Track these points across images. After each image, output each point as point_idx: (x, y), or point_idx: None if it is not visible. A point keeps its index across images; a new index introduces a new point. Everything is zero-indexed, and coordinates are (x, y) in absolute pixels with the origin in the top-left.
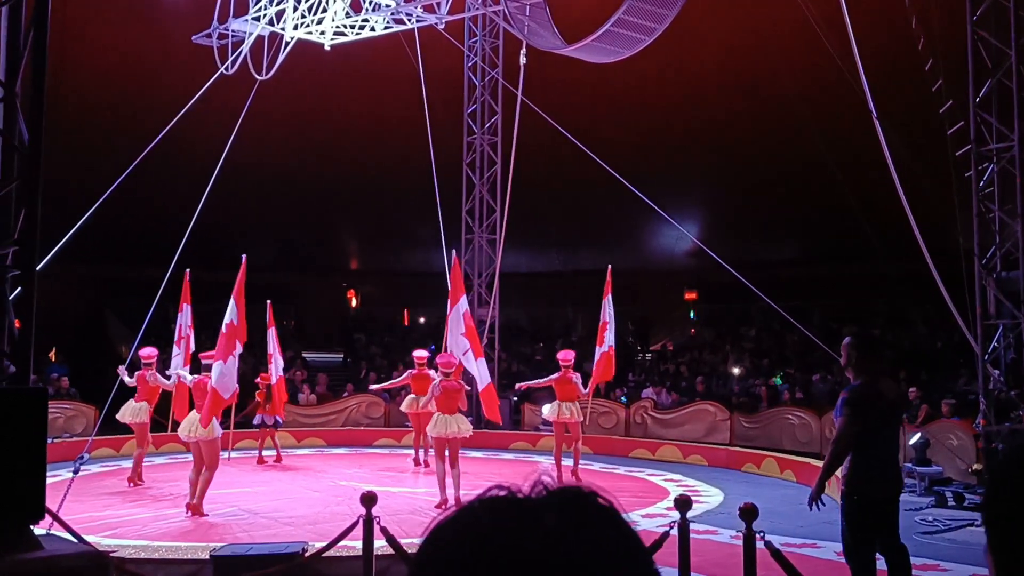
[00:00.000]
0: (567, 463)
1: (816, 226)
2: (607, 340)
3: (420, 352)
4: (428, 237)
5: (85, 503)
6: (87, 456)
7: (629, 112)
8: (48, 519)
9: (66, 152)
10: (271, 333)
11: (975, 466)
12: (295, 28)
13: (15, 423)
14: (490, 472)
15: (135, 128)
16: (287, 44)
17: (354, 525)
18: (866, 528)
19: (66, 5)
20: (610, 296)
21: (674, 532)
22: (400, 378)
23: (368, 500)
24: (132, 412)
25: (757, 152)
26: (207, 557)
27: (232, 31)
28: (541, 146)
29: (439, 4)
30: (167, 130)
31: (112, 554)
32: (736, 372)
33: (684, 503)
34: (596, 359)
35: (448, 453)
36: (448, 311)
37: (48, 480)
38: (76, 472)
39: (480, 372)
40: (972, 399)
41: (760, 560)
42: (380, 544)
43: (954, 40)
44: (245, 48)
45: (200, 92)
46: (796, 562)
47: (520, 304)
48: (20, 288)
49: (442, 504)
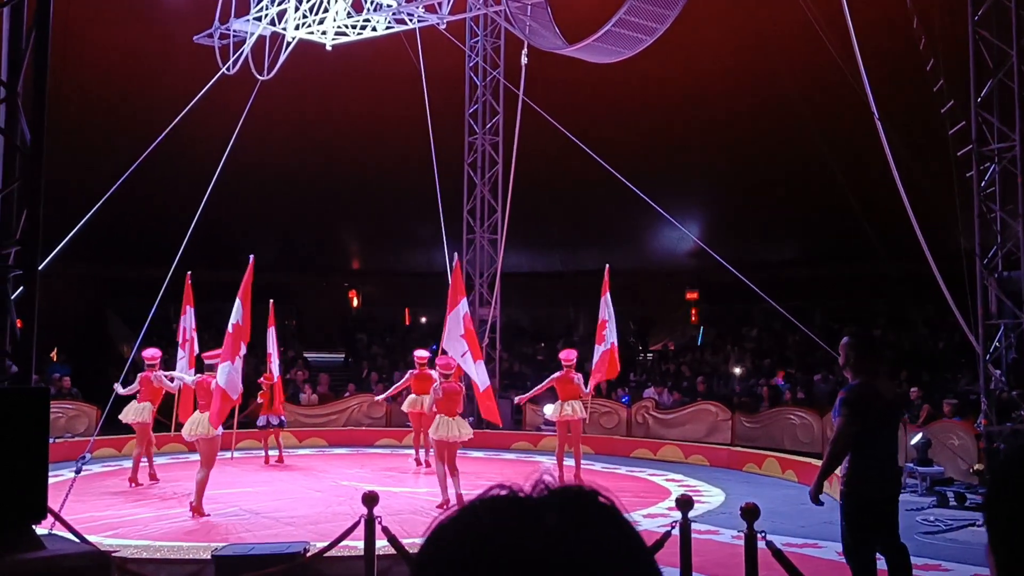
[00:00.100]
0: (569, 463)
1: (817, 226)
2: (608, 338)
3: (421, 352)
4: (429, 237)
5: (87, 503)
6: (89, 456)
7: (630, 112)
8: (50, 519)
9: (67, 152)
10: (271, 333)
11: (976, 466)
12: (296, 28)
13: (17, 423)
14: (492, 472)
15: (136, 128)
16: (288, 44)
17: (356, 525)
18: (865, 528)
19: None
20: (608, 295)
21: (676, 532)
22: (403, 380)
23: (370, 500)
24: (135, 412)
25: (758, 152)
26: (209, 557)
27: (233, 31)
28: (542, 146)
29: (440, 4)
30: (169, 130)
31: (114, 554)
32: (737, 372)
33: (685, 503)
34: (597, 358)
35: (446, 455)
36: (447, 313)
37: (50, 480)
38: (78, 472)
39: (479, 375)
40: (973, 399)
41: (761, 560)
42: (382, 544)
43: (955, 40)
44: (246, 48)
45: (202, 92)
46: (798, 562)
47: (521, 304)
48: (22, 288)
49: (444, 504)
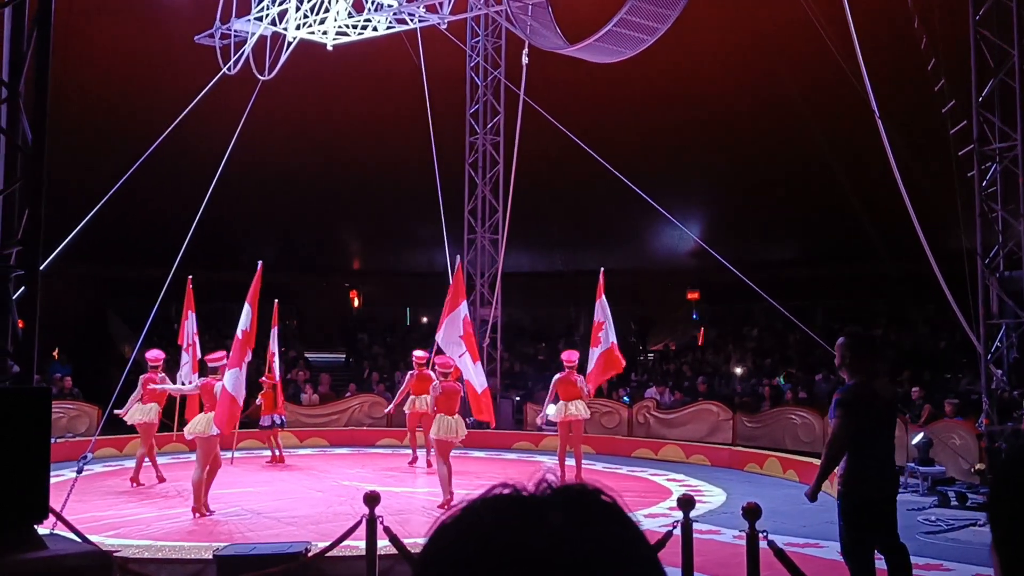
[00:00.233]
0: (570, 463)
1: (818, 226)
2: (606, 339)
3: (419, 352)
4: (430, 237)
5: (88, 503)
6: (90, 456)
7: (631, 112)
8: (52, 519)
9: (68, 152)
10: (274, 333)
11: (978, 466)
12: (297, 28)
13: (19, 423)
14: (493, 472)
15: (137, 128)
16: (289, 44)
17: (357, 525)
18: (863, 528)
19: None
20: (604, 297)
21: (677, 532)
22: (404, 385)
23: (371, 500)
24: (143, 412)
25: (759, 152)
26: (210, 557)
27: (234, 31)
28: (543, 146)
29: (441, 4)
30: (170, 130)
31: (116, 554)
32: (738, 372)
33: (687, 503)
34: (595, 359)
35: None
36: (444, 314)
37: (52, 480)
38: (80, 472)
39: (477, 376)
40: (975, 399)
41: (763, 560)
42: (383, 544)
43: (956, 40)
44: (247, 48)
45: (203, 92)
46: (799, 562)
47: (522, 304)
48: (24, 288)
49: (446, 504)
